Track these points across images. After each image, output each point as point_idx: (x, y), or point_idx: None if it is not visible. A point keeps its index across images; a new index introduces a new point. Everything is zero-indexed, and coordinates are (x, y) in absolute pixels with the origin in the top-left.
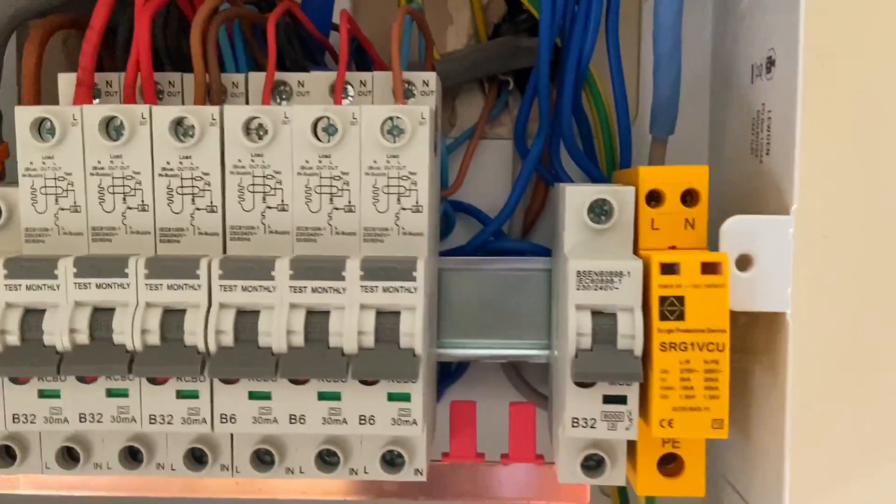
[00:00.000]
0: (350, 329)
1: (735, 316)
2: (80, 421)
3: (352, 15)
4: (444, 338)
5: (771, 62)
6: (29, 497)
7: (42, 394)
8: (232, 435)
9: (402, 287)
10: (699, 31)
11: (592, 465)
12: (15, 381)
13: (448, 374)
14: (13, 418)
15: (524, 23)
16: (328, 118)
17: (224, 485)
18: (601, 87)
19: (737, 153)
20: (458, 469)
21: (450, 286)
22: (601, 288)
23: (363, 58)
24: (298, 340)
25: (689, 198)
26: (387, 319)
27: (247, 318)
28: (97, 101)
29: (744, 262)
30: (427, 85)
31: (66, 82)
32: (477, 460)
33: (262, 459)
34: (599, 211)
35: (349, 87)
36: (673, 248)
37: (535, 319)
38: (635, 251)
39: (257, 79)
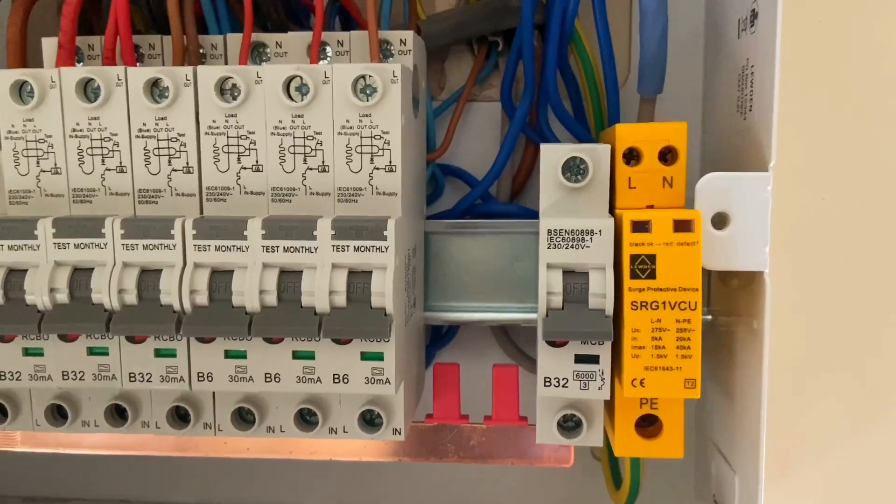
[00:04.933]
0: (322, 288)
1: (727, 278)
2: (64, 378)
3: None
4: (433, 301)
5: (754, 15)
6: (27, 454)
7: (26, 351)
8: (214, 394)
9: (373, 246)
10: None
11: (571, 426)
12: (0, 338)
13: (439, 337)
14: None
15: None
16: (300, 77)
17: (213, 443)
18: (589, 46)
19: (725, 111)
20: (450, 430)
21: (437, 249)
22: (572, 247)
23: (348, 19)
24: (271, 300)
25: (668, 156)
26: (358, 279)
27: (221, 278)
28: (80, 64)
29: (720, 221)
30: (404, 44)
31: (50, 46)
32: (461, 422)
33: (244, 418)
34: (575, 170)
35: (327, 48)
36: (651, 206)
37: (523, 283)
38: (612, 210)
39: (236, 40)
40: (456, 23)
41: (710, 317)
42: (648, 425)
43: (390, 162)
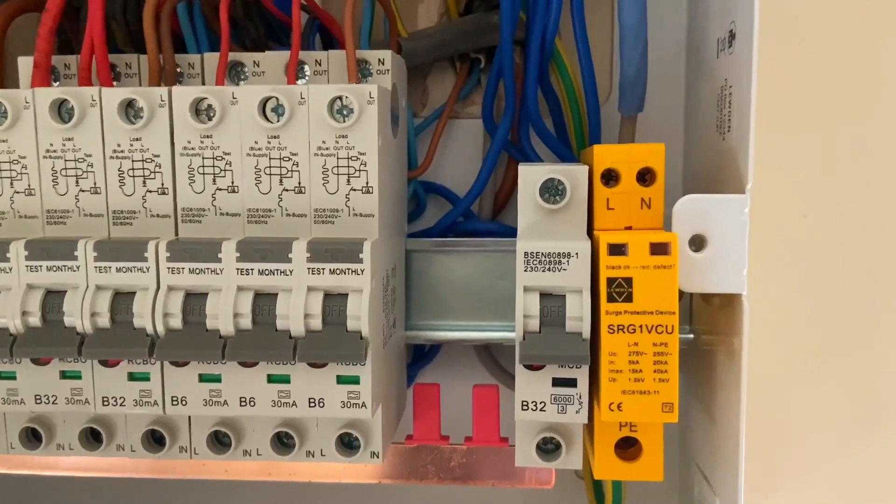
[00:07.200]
0: (297, 311)
1: (709, 296)
2: (37, 402)
3: None
4: (414, 320)
5: (732, 36)
6: (4, 476)
7: None
8: (189, 417)
9: (348, 269)
10: (676, 5)
11: (551, 448)
12: None
13: (421, 355)
14: None
15: None
16: (276, 98)
17: (191, 465)
18: (569, 64)
19: (705, 130)
20: (431, 451)
21: (419, 268)
22: (549, 269)
23: (329, 37)
24: (246, 323)
25: (647, 177)
26: (334, 301)
27: (195, 301)
28: (57, 83)
29: (698, 243)
30: (383, 63)
31: (26, 65)
32: (441, 443)
33: (221, 441)
34: (553, 191)
35: (305, 67)
36: (629, 228)
37: (505, 301)
38: (591, 231)
39: (213, 59)
40: (437, 40)
41: (692, 335)
42: (629, 447)
43: (367, 183)
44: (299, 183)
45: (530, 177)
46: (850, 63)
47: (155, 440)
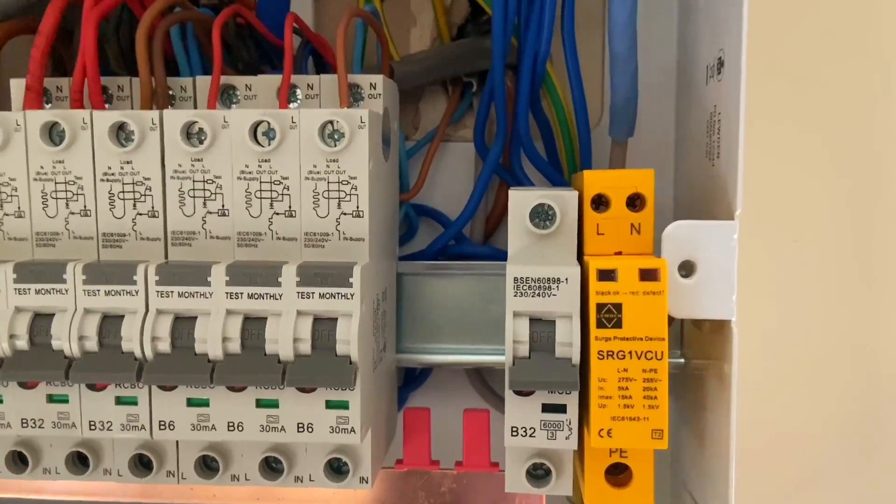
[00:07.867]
0: (286, 336)
1: (699, 321)
2: (23, 426)
3: (315, 19)
4: (406, 343)
5: (721, 63)
6: None
7: None
8: (177, 441)
9: (338, 293)
10: (666, 31)
11: (541, 474)
12: None
13: (412, 378)
14: None
15: (487, 24)
16: (267, 122)
17: (179, 490)
18: (560, 88)
19: (695, 156)
20: (421, 476)
21: (410, 291)
22: (539, 294)
23: (322, 61)
24: (235, 347)
25: (636, 202)
26: (324, 325)
27: (183, 325)
28: (49, 105)
29: (687, 268)
30: (374, 88)
31: (18, 87)
32: (431, 467)
33: (209, 466)
34: (543, 216)
35: (297, 91)
36: (619, 253)
37: (497, 324)
38: (581, 257)
39: (205, 82)
40: (430, 64)
41: (682, 360)
42: (619, 473)
43: (357, 207)
44: (290, 207)
45: (520, 202)
46: (838, 89)
47: (142, 465)
